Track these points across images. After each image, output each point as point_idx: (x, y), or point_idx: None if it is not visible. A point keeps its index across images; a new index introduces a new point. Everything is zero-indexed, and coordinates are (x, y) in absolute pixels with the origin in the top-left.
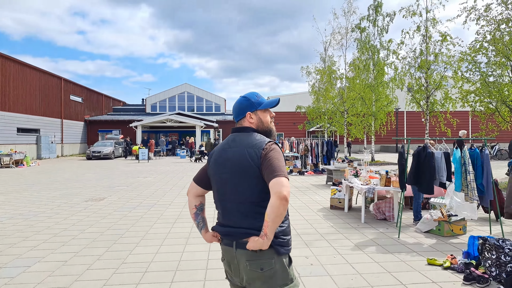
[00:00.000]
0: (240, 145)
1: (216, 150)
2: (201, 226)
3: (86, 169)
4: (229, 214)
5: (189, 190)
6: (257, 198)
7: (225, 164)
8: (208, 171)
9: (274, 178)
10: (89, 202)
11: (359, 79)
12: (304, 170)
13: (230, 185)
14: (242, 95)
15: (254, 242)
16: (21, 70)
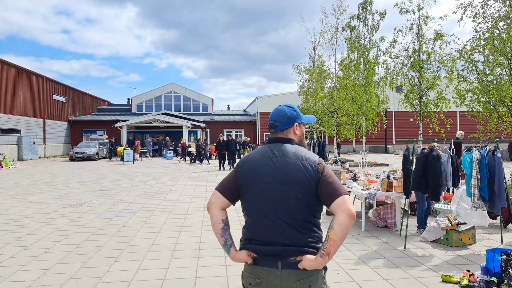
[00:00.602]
0: (290, 157)
1: (253, 158)
2: (229, 243)
3: (68, 171)
4: (274, 231)
5: (211, 202)
6: (309, 213)
7: (275, 175)
8: (240, 181)
9: (340, 196)
10: (67, 208)
11: (349, 79)
12: None
13: (280, 197)
14: (285, 105)
15: (313, 261)
16: (1, 68)
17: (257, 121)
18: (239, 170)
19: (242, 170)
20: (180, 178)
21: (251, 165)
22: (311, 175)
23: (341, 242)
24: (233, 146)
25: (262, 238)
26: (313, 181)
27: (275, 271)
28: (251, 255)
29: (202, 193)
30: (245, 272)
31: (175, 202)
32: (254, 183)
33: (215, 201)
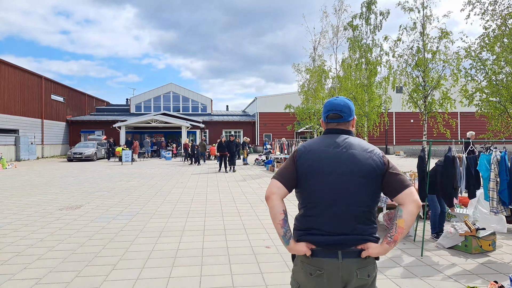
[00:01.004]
0: (356, 148)
1: (316, 148)
2: (289, 235)
3: (65, 171)
4: (338, 221)
5: (272, 192)
6: (373, 203)
7: (342, 166)
8: (301, 171)
9: (407, 187)
10: (63, 211)
11: (350, 79)
12: None
13: (347, 188)
14: (343, 97)
15: (379, 248)
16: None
17: (257, 122)
18: (300, 159)
19: (304, 160)
20: (179, 179)
21: (315, 155)
22: (379, 167)
23: (407, 230)
24: (233, 147)
25: (324, 228)
26: (380, 173)
27: (336, 261)
28: (310, 246)
29: (202, 195)
30: (302, 262)
31: (175, 205)
32: (318, 173)
33: (276, 191)
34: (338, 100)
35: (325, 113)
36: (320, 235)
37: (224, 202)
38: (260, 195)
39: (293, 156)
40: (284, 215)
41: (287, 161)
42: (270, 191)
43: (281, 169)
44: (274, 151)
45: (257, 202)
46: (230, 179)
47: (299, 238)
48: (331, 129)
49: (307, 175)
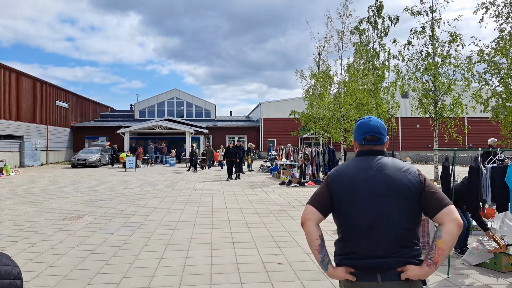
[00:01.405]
0: (390, 169)
1: (348, 171)
2: (327, 260)
3: (69, 178)
4: (377, 244)
5: (307, 218)
6: (412, 225)
7: (378, 188)
8: (335, 195)
9: (446, 206)
10: (65, 221)
11: (356, 84)
12: (303, 181)
13: (384, 210)
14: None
15: (418, 270)
16: (4, 74)
17: (260, 127)
18: (333, 183)
19: (337, 184)
20: (184, 187)
21: (348, 179)
22: (415, 187)
23: (449, 251)
24: (241, 153)
25: (363, 252)
26: (416, 192)
27: (375, 284)
28: (349, 270)
29: (208, 204)
30: (345, 287)
31: (180, 215)
32: (353, 196)
33: (311, 217)
34: (373, 121)
35: (361, 134)
36: (358, 259)
37: (231, 212)
38: (268, 205)
39: (327, 181)
40: (320, 241)
41: (321, 185)
42: (305, 217)
43: (315, 194)
44: (279, 157)
45: (265, 212)
46: (236, 187)
47: (338, 263)
48: (366, 151)
49: (342, 200)
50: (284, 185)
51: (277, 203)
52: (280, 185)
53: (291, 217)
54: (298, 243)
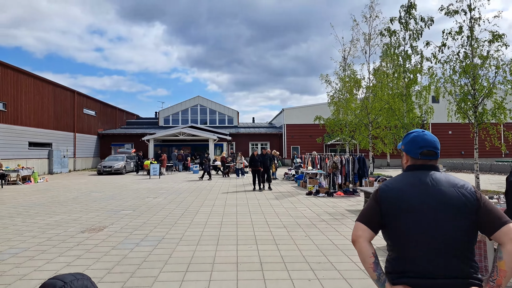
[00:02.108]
0: (444, 185)
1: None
2: (383, 278)
3: (93, 186)
4: (434, 262)
5: (359, 235)
6: (468, 243)
7: (432, 204)
8: (386, 212)
9: (505, 224)
10: (85, 234)
11: (386, 88)
12: (332, 191)
13: (440, 227)
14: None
15: None
16: (34, 83)
17: (284, 134)
18: (384, 200)
19: (389, 200)
20: (207, 196)
21: (401, 194)
22: (471, 203)
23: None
24: (267, 162)
25: (419, 270)
26: (473, 210)
27: None
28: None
29: (232, 216)
30: None
31: (203, 228)
32: (406, 213)
33: (362, 234)
34: (429, 135)
35: (418, 148)
36: (418, 278)
37: (256, 225)
38: (296, 218)
39: (376, 196)
40: (374, 258)
41: (369, 201)
42: (356, 234)
43: (364, 210)
44: (305, 165)
45: (293, 226)
46: (261, 197)
47: (395, 281)
48: (420, 165)
49: (393, 216)
50: (311, 195)
51: (306, 216)
52: (307, 195)
53: (322, 233)
54: (333, 265)
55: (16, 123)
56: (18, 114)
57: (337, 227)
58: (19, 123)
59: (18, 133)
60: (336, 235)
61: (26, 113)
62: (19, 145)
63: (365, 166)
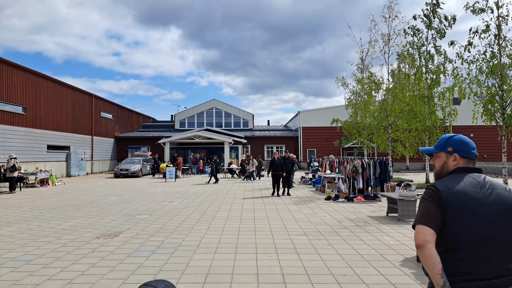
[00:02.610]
0: (498, 187)
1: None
2: (448, 284)
3: (110, 189)
4: (497, 264)
5: (426, 240)
6: None
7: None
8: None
9: None
10: (101, 240)
11: (406, 90)
12: (352, 196)
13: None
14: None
15: None
16: (53, 87)
17: (299, 137)
18: (449, 202)
19: (453, 202)
20: (223, 200)
21: (464, 196)
22: None
23: None
24: (289, 165)
25: (482, 272)
26: None
27: None
28: None
29: (250, 222)
30: None
31: (220, 234)
32: (470, 215)
33: (430, 239)
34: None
35: (472, 149)
36: (479, 281)
37: (276, 232)
38: (316, 224)
39: (437, 198)
40: (441, 264)
41: (427, 203)
42: (424, 239)
43: (425, 213)
44: (322, 169)
45: (314, 233)
46: (278, 202)
47: (457, 285)
48: (473, 167)
49: (458, 218)
50: (330, 200)
51: (326, 223)
52: (326, 200)
53: (345, 241)
54: (360, 278)
55: (35, 127)
56: (37, 118)
57: (360, 235)
58: (38, 126)
59: (37, 136)
60: (361, 244)
61: (45, 116)
62: (38, 148)
63: (387, 170)
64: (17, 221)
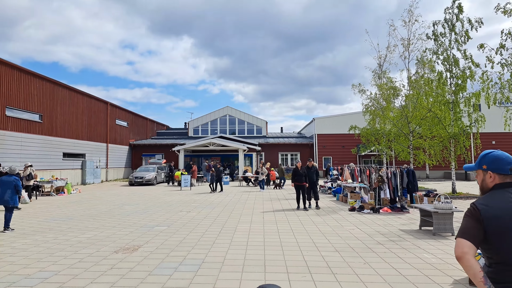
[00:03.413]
0: None
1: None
2: None
3: (126, 198)
4: None
5: (465, 252)
6: None
7: None
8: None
9: None
10: (119, 255)
11: (429, 96)
12: (378, 207)
13: None
14: None
15: None
16: (69, 95)
17: (315, 144)
18: (487, 220)
19: (491, 220)
20: (242, 211)
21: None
22: None
23: None
24: (313, 176)
25: None
26: None
27: None
28: None
29: (274, 235)
30: None
31: (245, 249)
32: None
33: (468, 250)
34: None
35: (507, 165)
36: None
37: (304, 248)
38: (346, 239)
39: (476, 215)
40: (483, 272)
41: (468, 220)
42: (462, 251)
43: (465, 228)
44: (343, 177)
45: (346, 250)
46: (300, 213)
47: None
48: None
49: (498, 234)
50: (354, 211)
51: (356, 237)
52: (350, 211)
53: (383, 259)
54: None
55: (52, 134)
56: (53, 125)
57: (397, 252)
58: (55, 134)
59: (53, 144)
60: (400, 263)
61: (61, 124)
62: (54, 156)
63: (415, 180)
64: (33, 233)
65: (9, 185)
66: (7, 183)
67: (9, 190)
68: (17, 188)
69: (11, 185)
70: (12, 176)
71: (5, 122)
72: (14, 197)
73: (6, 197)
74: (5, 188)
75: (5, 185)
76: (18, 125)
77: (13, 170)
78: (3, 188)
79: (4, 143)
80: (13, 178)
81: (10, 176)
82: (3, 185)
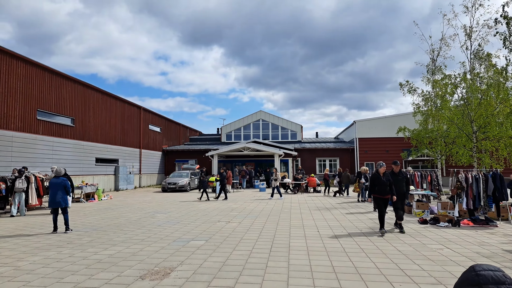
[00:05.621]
0: None
1: None
2: None
3: (158, 205)
4: None
5: None
6: None
7: None
8: None
9: None
10: (146, 282)
11: (503, 89)
12: (457, 219)
13: None
14: None
15: None
16: (101, 98)
17: (356, 149)
18: None
19: None
20: (290, 222)
21: None
22: None
23: None
24: (403, 186)
25: None
26: None
27: None
28: None
29: (341, 256)
30: None
31: (311, 278)
32: None
33: None
34: None
35: None
36: None
37: (392, 278)
38: (441, 263)
39: None
40: None
41: None
42: None
43: None
44: None
45: (449, 279)
46: (361, 226)
47: None
48: None
49: None
50: (427, 224)
51: (454, 261)
52: (421, 223)
53: None
54: None
55: (84, 139)
56: (85, 130)
57: None
58: (87, 138)
59: (85, 149)
60: None
61: (94, 128)
62: (87, 161)
63: (503, 186)
64: (47, 247)
65: (58, 187)
66: (56, 185)
67: (59, 192)
68: (66, 189)
69: (61, 186)
70: (60, 178)
71: (36, 125)
72: (65, 197)
73: (58, 198)
74: (56, 190)
75: (55, 187)
76: (50, 129)
77: (59, 172)
78: (53, 190)
79: (36, 147)
80: (61, 179)
81: (58, 178)
82: (53, 188)
